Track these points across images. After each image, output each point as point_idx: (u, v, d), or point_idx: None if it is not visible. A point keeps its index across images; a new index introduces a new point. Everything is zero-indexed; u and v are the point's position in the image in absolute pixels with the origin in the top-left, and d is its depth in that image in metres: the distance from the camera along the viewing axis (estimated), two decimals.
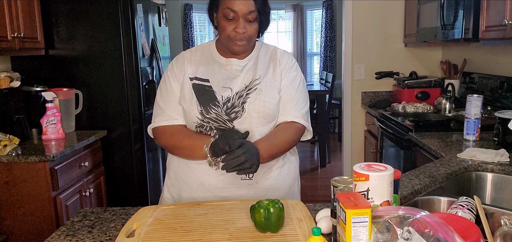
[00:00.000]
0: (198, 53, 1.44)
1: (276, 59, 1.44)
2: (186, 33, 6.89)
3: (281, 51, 1.47)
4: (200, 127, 1.37)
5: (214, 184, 1.37)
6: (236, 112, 1.34)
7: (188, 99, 1.36)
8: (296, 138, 1.42)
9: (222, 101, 1.34)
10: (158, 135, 1.43)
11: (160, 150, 3.33)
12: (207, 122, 1.35)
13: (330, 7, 6.66)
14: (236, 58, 1.41)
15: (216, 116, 1.34)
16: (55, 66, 2.85)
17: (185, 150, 1.37)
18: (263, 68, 1.41)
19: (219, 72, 1.39)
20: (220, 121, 1.34)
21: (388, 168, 0.91)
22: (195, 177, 1.39)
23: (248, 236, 1.06)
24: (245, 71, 1.39)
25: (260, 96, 1.35)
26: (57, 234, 1.16)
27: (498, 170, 1.61)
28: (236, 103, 1.35)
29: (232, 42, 1.34)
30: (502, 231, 0.94)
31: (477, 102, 2.01)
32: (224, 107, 1.34)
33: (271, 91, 1.38)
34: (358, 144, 3.73)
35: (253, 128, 1.35)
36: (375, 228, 0.82)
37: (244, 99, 1.35)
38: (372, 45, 3.55)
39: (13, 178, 2.22)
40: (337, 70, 6.41)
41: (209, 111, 1.34)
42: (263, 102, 1.35)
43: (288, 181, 1.48)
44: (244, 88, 1.36)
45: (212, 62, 1.42)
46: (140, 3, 2.92)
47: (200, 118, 1.35)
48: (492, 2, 2.11)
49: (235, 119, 1.34)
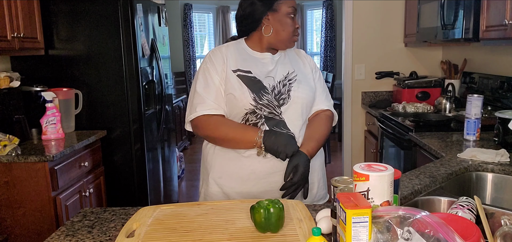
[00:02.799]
0: (231, 48, 1.52)
1: (301, 57, 1.61)
2: (186, 33, 6.89)
3: (303, 51, 1.66)
4: (252, 113, 1.43)
5: (265, 171, 1.44)
6: (283, 99, 1.46)
7: (239, 88, 1.42)
8: (330, 126, 1.58)
9: (270, 88, 1.45)
10: (200, 125, 1.45)
11: (160, 149, 3.33)
12: (260, 108, 1.42)
13: (330, 7, 6.66)
14: (270, 53, 1.52)
15: (268, 102, 1.43)
16: (55, 66, 2.85)
17: (231, 141, 1.43)
18: (294, 63, 1.55)
19: (257, 65, 1.49)
20: (271, 107, 1.44)
21: (388, 168, 0.91)
22: (245, 166, 1.45)
23: (248, 236, 1.06)
24: (280, 64, 1.52)
25: (301, 85, 1.49)
26: (57, 234, 1.16)
27: (498, 170, 1.61)
28: (282, 90, 1.46)
29: (292, 38, 1.50)
30: (502, 231, 0.94)
31: (477, 102, 2.00)
32: (272, 94, 1.44)
33: (309, 81, 1.54)
34: (358, 144, 3.73)
35: (294, 113, 1.46)
36: (375, 228, 0.82)
37: (289, 87, 1.47)
38: (372, 45, 3.55)
39: (13, 178, 2.22)
40: (337, 70, 6.41)
41: (261, 97, 1.43)
42: (305, 90, 1.50)
43: (321, 164, 1.60)
44: (284, 79, 1.49)
45: (248, 56, 1.51)
46: (140, 3, 2.91)
47: (253, 105, 1.42)
48: (492, 2, 2.11)
49: (283, 106, 1.45)
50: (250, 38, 1.54)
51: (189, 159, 5.62)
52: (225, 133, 1.43)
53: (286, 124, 1.44)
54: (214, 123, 1.43)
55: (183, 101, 6.12)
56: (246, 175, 1.45)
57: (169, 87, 3.66)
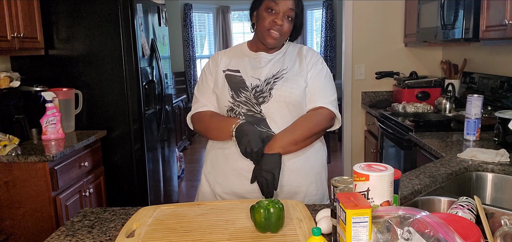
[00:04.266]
0: (231, 51, 1.59)
1: (302, 54, 1.55)
2: (186, 33, 6.89)
3: (307, 48, 1.58)
4: (231, 111, 1.48)
5: (245, 168, 1.44)
6: (264, 97, 1.45)
7: (221, 86, 1.50)
8: (323, 124, 1.47)
9: (251, 87, 1.47)
10: (193, 121, 1.58)
11: (160, 149, 3.33)
12: (237, 105, 1.46)
13: (330, 7, 6.66)
14: (265, 53, 1.52)
15: (246, 100, 1.46)
16: (55, 66, 2.85)
17: (213, 131, 1.50)
18: (290, 61, 1.52)
19: (248, 64, 1.52)
20: (249, 104, 1.45)
21: (388, 168, 0.91)
22: (229, 163, 1.48)
23: (248, 236, 1.06)
24: (272, 62, 1.51)
25: (286, 83, 1.46)
26: (57, 234, 1.16)
27: (498, 170, 1.61)
28: (264, 89, 1.46)
29: (267, 33, 1.45)
30: (502, 231, 0.94)
31: (477, 102, 2.00)
32: (252, 92, 1.46)
33: (297, 79, 1.48)
34: (358, 144, 3.73)
35: (278, 112, 1.45)
36: (375, 228, 0.82)
37: (272, 86, 1.46)
38: (372, 45, 3.55)
39: (13, 178, 2.22)
40: (337, 70, 6.41)
41: (239, 95, 1.46)
42: (289, 89, 1.45)
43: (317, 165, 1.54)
44: (272, 77, 1.48)
45: (243, 56, 1.55)
46: (140, 3, 2.91)
47: (231, 102, 1.46)
48: (492, 2, 2.11)
49: (263, 104, 1.45)
50: (251, 39, 1.59)
51: (189, 159, 5.62)
52: (209, 123, 1.51)
53: (267, 123, 1.44)
54: (202, 116, 1.53)
55: (183, 101, 6.12)
56: (229, 171, 1.48)
57: (169, 87, 3.66)
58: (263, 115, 1.44)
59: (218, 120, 1.49)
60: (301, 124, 1.44)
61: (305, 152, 1.49)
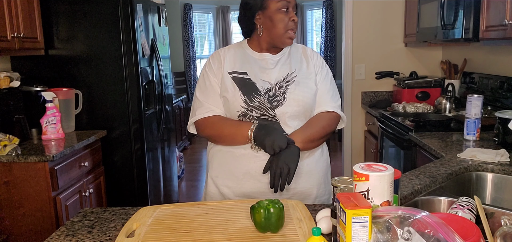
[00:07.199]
0: (231, 51, 1.53)
1: (307, 56, 1.54)
2: (186, 33, 6.89)
3: (310, 50, 1.58)
4: (244, 116, 1.43)
5: (259, 170, 1.41)
6: (278, 101, 1.43)
7: (231, 91, 1.44)
8: (332, 126, 1.51)
9: (263, 90, 1.43)
10: (200, 127, 1.50)
11: (160, 149, 3.33)
12: (251, 110, 1.42)
13: (330, 7, 6.66)
14: (270, 53, 1.50)
15: (259, 105, 1.42)
16: (55, 66, 2.85)
17: (226, 137, 1.44)
18: (296, 63, 1.51)
19: (255, 66, 1.48)
20: (263, 109, 1.42)
21: (388, 168, 0.91)
22: (241, 166, 1.45)
23: (248, 236, 1.06)
24: (280, 64, 1.49)
25: (299, 87, 1.45)
26: (57, 234, 1.16)
27: (498, 170, 1.61)
28: (277, 92, 1.44)
29: (286, 35, 1.43)
30: (502, 231, 0.94)
31: (477, 102, 2.00)
32: (266, 96, 1.43)
33: (308, 82, 1.48)
34: (358, 144, 3.73)
35: (291, 115, 1.43)
36: (375, 228, 0.82)
37: (285, 89, 1.44)
38: (372, 45, 3.55)
39: (13, 178, 2.22)
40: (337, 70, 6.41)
41: (252, 100, 1.42)
42: (302, 92, 1.45)
43: (324, 167, 1.56)
44: (282, 80, 1.46)
45: (247, 57, 1.50)
46: (140, 3, 2.91)
47: (244, 107, 1.42)
48: (492, 2, 2.11)
49: (277, 107, 1.43)
50: (251, 39, 1.53)
51: (189, 159, 5.61)
52: (221, 130, 1.45)
53: (281, 126, 1.42)
54: (211, 122, 1.47)
55: (183, 101, 6.12)
56: (241, 174, 1.45)
57: (169, 87, 3.66)
58: (277, 119, 1.43)
59: (231, 125, 1.43)
60: (315, 123, 1.46)
61: (314, 153, 1.50)
